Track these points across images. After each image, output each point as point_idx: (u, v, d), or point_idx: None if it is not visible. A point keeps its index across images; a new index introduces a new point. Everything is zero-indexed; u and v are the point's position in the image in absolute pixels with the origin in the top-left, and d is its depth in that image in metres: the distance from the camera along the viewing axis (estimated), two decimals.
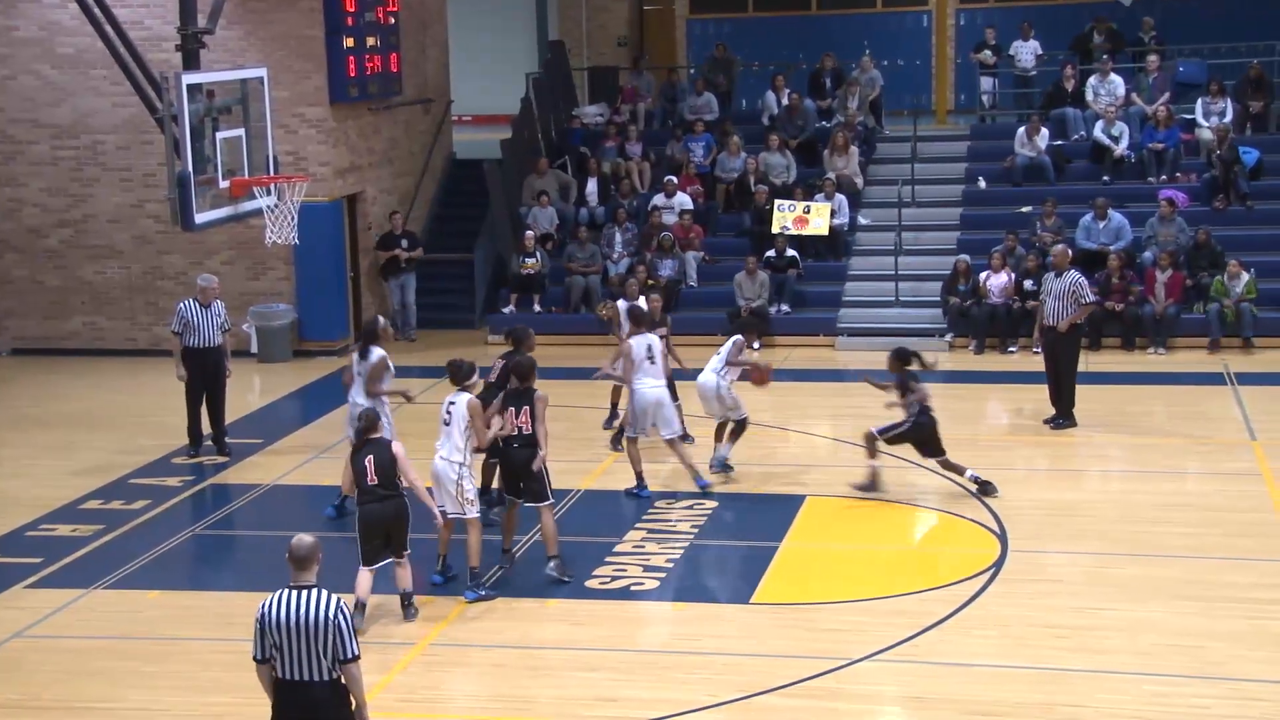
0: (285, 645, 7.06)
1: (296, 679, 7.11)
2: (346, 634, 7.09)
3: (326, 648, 7.06)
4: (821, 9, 28.45)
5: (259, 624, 7.13)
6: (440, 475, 10.94)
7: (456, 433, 10.86)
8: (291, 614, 7.05)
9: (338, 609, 7.10)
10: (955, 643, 10.05)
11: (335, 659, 7.10)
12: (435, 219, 22.79)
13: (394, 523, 10.39)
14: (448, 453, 10.91)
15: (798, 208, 20.53)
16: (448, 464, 10.90)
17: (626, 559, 11.77)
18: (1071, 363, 15.18)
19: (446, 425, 10.92)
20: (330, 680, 7.13)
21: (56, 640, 10.56)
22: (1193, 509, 12.87)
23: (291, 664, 7.09)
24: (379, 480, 10.29)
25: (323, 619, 7.05)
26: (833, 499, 13.21)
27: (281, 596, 7.13)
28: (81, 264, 20.19)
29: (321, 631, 7.05)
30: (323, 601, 7.10)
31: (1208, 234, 19.23)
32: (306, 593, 7.11)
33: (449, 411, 10.93)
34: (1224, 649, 9.83)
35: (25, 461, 15.32)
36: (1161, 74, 21.94)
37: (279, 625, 7.06)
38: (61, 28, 19.50)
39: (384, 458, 10.35)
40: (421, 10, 22.29)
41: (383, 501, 10.33)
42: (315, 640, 7.05)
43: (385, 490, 10.32)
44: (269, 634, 7.09)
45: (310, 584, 7.15)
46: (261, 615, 7.13)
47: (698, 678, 9.64)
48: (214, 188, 14.06)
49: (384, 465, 10.32)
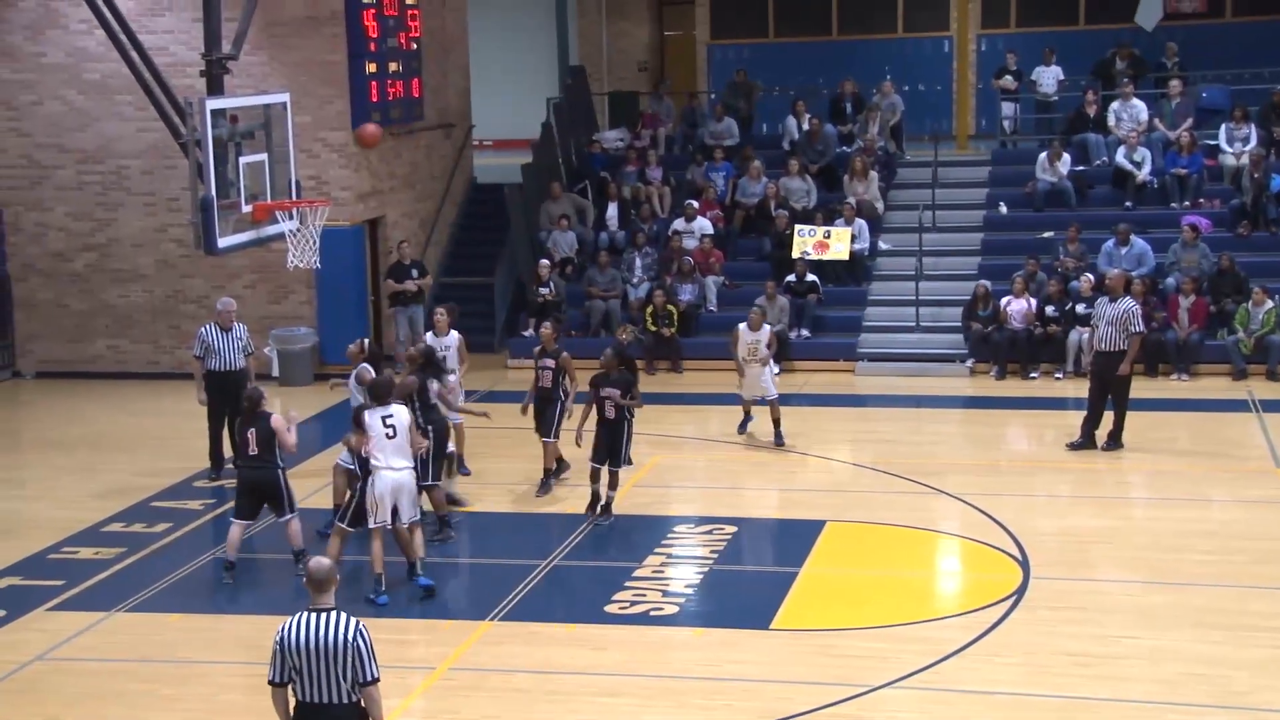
0: (305, 668, 7.07)
1: (316, 701, 7.11)
2: (366, 657, 7.10)
3: (346, 670, 7.07)
4: (842, 34, 28.48)
5: (278, 646, 7.13)
6: (403, 484, 11.42)
7: (404, 443, 11.45)
8: (311, 636, 7.06)
9: (357, 631, 7.12)
10: (977, 670, 10.00)
11: (355, 681, 7.11)
12: (456, 243, 22.86)
13: (269, 488, 11.86)
14: (400, 463, 11.41)
15: (818, 233, 20.52)
16: (409, 473, 11.49)
17: (646, 584, 11.75)
18: (1123, 389, 15.12)
19: (392, 438, 11.37)
20: (350, 703, 7.13)
21: (78, 663, 10.59)
22: (1217, 536, 12.79)
23: (311, 686, 7.09)
24: (259, 451, 11.80)
25: (342, 641, 7.07)
26: (853, 524, 13.17)
27: (301, 619, 7.14)
28: (105, 288, 20.31)
29: (341, 654, 7.06)
30: (342, 624, 7.11)
31: (1231, 260, 19.15)
32: (326, 615, 7.12)
33: (392, 426, 11.40)
34: (1248, 678, 9.75)
35: (48, 484, 15.38)
36: (1184, 99, 21.89)
37: (299, 648, 7.07)
38: (88, 54, 19.67)
39: (264, 431, 11.78)
40: (443, 35, 22.41)
41: (258, 470, 11.87)
42: (335, 662, 7.06)
43: (262, 460, 11.83)
44: (289, 656, 7.10)
45: (330, 606, 7.17)
46: (281, 638, 7.14)
47: (718, 703, 9.61)
48: (237, 212, 14.12)
49: (264, 438, 11.78)
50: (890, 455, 15.42)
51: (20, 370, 20.69)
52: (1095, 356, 15.30)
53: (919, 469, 14.74)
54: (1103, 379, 15.13)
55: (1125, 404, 15.19)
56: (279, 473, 11.98)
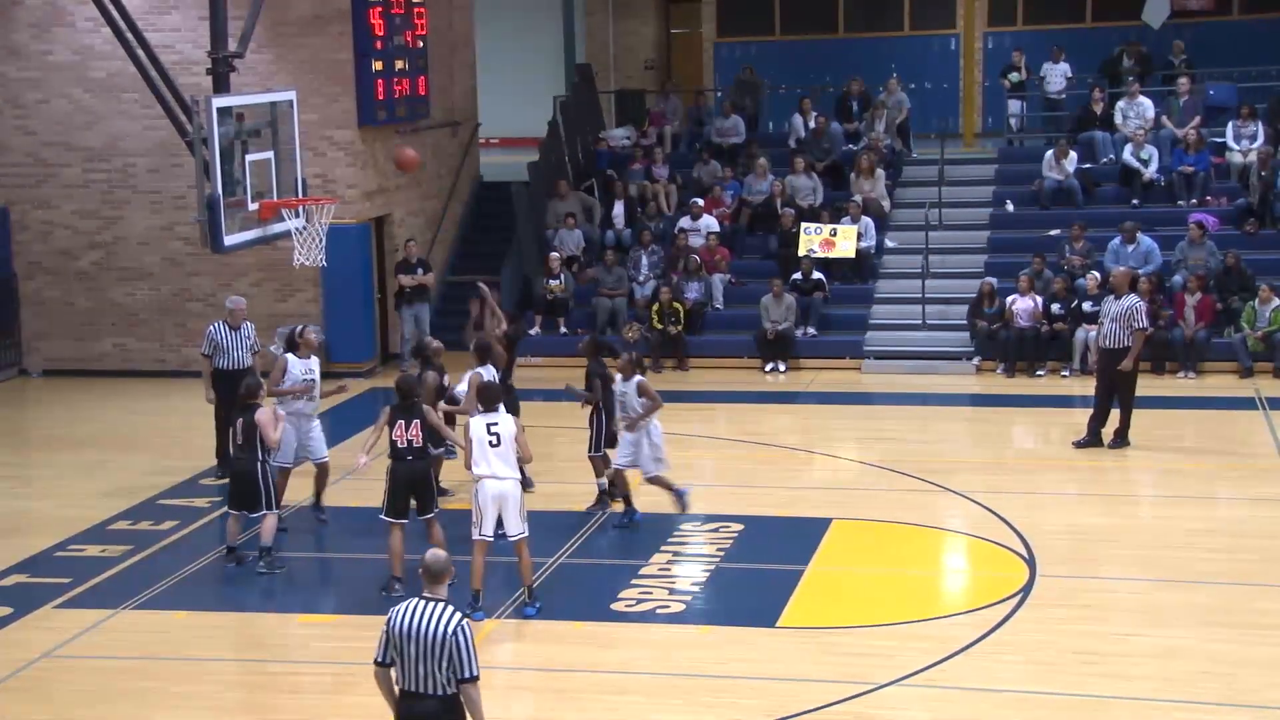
0: (405, 654, 7.10)
1: (412, 690, 7.12)
2: (465, 653, 7.04)
3: (442, 663, 7.04)
4: (849, 32, 28.46)
5: (386, 628, 7.17)
6: (506, 495, 10.88)
7: (509, 452, 10.90)
8: (415, 624, 7.07)
9: (458, 626, 7.06)
10: (983, 668, 9.99)
11: (452, 676, 7.07)
12: (462, 241, 22.87)
13: (247, 481, 11.98)
14: (505, 472, 10.88)
15: (824, 230, 20.51)
16: (514, 483, 10.92)
17: (652, 582, 11.75)
18: (1129, 386, 15.10)
19: (496, 446, 10.85)
20: (444, 696, 7.07)
21: (85, 661, 10.60)
22: (1223, 534, 12.77)
23: (408, 674, 7.11)
24: (241, 442, 12.02)
25: (441, 633, 7.03)
26: (859, 522, 13.16)
27: (411, 605, 7.17)
28: (112, 286, 20.33)
29: (438, 646, 7.03)
30: (444, 616, 7.08)
31: (1238, 258, 19.12)
32: (433, 605, 7.14)
33: (496, 434, 10.87)
34: (1255, 676, 9.74)
35: (54, 482, 15.40)
36: (1192, 97, 21.85)
37: (403, 634, 7.09)
38: (94, 52, 19.69)
39: (249, 423, 11.94)
40: (450, 34, 22.41)
41: (239, 461, 12.11)
42: (432, 654, 7.04)
43: (243, 453, 12.04)
44: (393, 639, 7.13)
45: (440, 598, 7.19)
46: (390, 621, 7.14)
47: (724, 701, 9.61)
48: (243, 210, 14.14)
49: (248, 430, 11.92)
50: (896, 453, 15.40)
51: (27, 368, 20.71)
52: (1101, 354, 15.28)
53: (925, 467, 14.72)
54: (1108, 376, 15.12)
55: (1131, 401, 15.17)
56: (258, 466, 11.96)
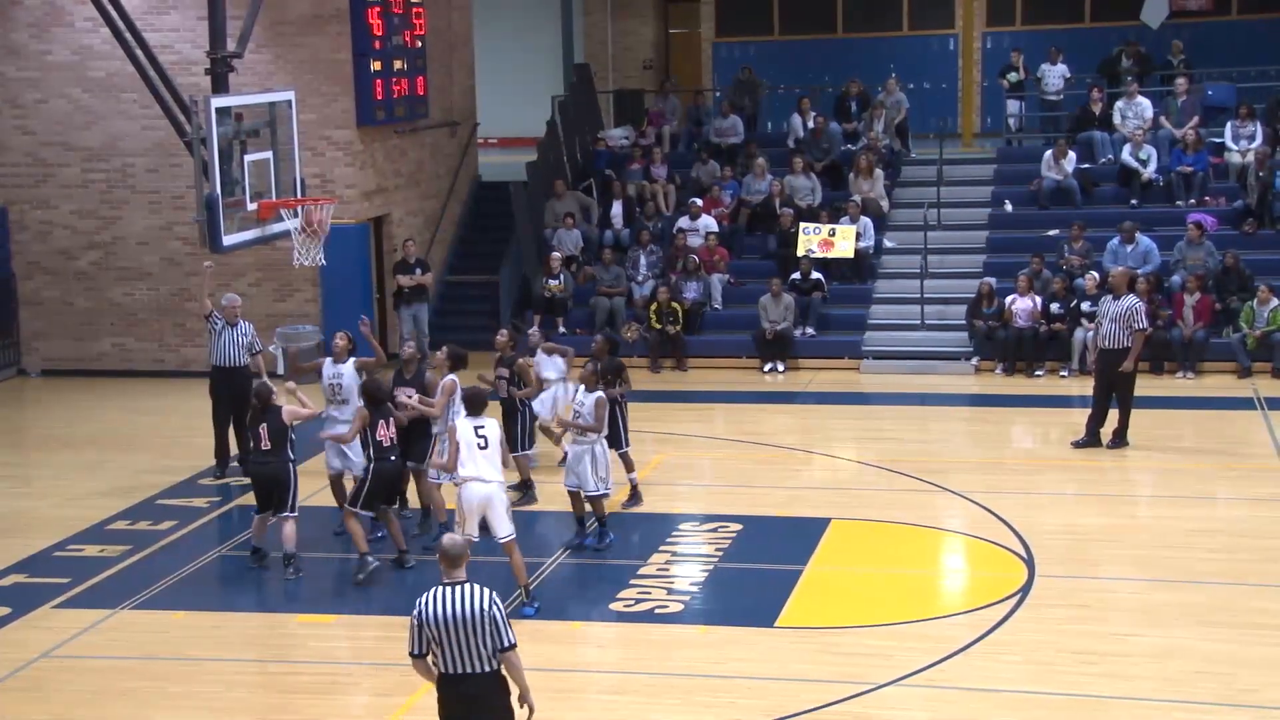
0: (446, 640, 7.27)
1: (458, 672, 7.30)
2: (502, 624, 7.29)
3: (485, 639, 7.26)
4: (847, 32, 28.47)
5: (416, 620, 7.31)
6: (491, 498, 10.90)
7: (496, 455, 10.98)
8: (450, 609, 7.25)
9: (491, 601, 7.29)
10: (982, 668, 9.99)
11: (494, 649, 7.28)
12: (461, 241, 22.87)
13: (279, 483, 11.94)
14: (491, 475, 10.90)
15: (823, 230, 20.52)
16: (499, 486, 10.96)
17: (651, 582, 11.75)
18: (1127, 386, 15.12)
19: (484, 449, 10.90)
20: (491, 670, 7.32)
21: (83, 660, 10.60)
22: (1222, 534, 12.77)
23: (453, 657, 7.28)
24: (271, 445, 11.93)
25: (479, 611, 7.25)
26: (858, 522, 13.17)
27: (437, 593, 7.33)
28: (110, 286, 20.33)
29: (479, 624, 7.25)
30: (477, 595, 7.29)
31: (1236, 258, 19.13)
32: (461, 588, 7.32)
33: (484, 437, 10.91)
34: (1254, 676, 9.74)
35: (53, 482, 15.40)
36: (1190, 97, 21.86)
37: (439, 621, 7.25)
38: (93, 52, 19.68)
39: (276, 425, 11.92)
40: (448, 34, 22.41)
41: (269, 464, 11.99)
42: (474, 633, 7.25)
43: (274, 455, 11.96)
44: (427, 629, 7.28)
45: (462, 580, 7.37)
46: (419, 612, 7.31)
47: (722, 701, 9.61)
48: (242, 210, 14.15)
49: (276, 432, 11.92)
50: (895, 453, 15.41)
51: (26, 368, 20.72)
52: (1099, 354, 15.29)
53: (924, 467, 14.73)
54: (1107, 377, 15.12)
55: (1130, 401, 15.18)
56: (290, 466, 12.06)
